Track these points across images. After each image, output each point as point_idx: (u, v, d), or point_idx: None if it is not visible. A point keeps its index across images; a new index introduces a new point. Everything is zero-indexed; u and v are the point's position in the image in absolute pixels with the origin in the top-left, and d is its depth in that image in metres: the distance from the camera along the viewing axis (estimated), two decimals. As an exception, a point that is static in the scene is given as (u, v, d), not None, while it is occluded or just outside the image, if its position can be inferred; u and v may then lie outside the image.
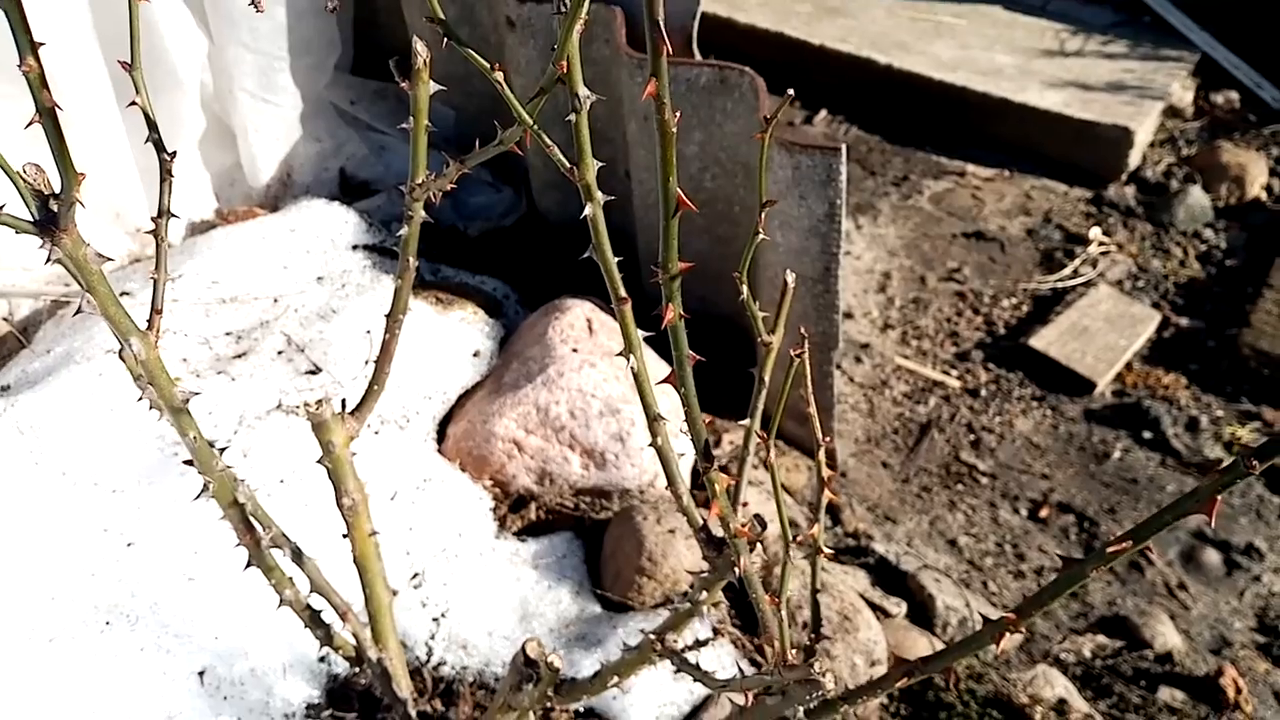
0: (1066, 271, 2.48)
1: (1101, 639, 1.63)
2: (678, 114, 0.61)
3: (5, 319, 1.94)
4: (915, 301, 2.40)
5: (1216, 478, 0.70)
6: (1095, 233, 2.59)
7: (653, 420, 0.88)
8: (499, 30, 2.06)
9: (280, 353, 1.60)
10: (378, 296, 1.76)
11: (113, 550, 1.25)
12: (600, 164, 0.76)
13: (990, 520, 1.88)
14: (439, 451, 1.59)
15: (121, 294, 1.73)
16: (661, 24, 0.56)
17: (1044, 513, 1.89)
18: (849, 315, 2.35)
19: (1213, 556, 1.82)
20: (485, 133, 2.64)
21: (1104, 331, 2.26)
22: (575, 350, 1.62)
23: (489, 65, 0.73)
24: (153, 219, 0.87)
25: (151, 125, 0.84)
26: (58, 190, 0.76)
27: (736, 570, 0.84)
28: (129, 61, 0.82)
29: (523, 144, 0.85)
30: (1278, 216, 2.67)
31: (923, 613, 1.62)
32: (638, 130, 1.86)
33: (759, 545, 0.94)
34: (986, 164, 2.89)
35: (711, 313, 2.04)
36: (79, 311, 0.81)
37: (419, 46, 1.01)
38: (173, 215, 0.89)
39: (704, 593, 0.91)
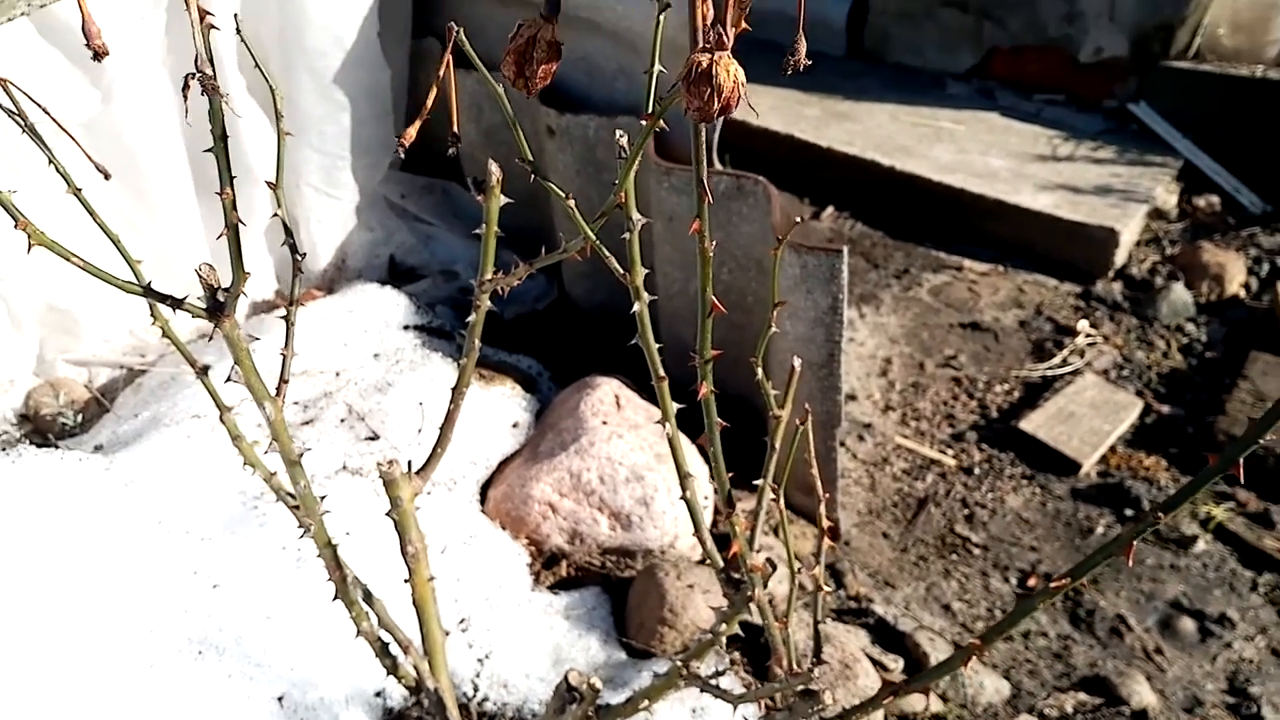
0: (1056, 360, 2.67)
1: (1083, 696, 1.78)
2: (714, 242, 0.81)
3: (87, 385, 2.15)
4: (915, 386, 2.59)
5: (1133, 526, 0.88)
6: (1083, 325, 2.79)
7: (684, 476, 1.07)
8: (539, 136, 2.30)
9: (343, 420, 1.80)
10: (428, 371, 1.96)
11: (202, 590, 1.43)
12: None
13: (982, 588, 2.04)
14: (482, 512, 1.77)
15: (203, 367, 1.93)
16: (706, 181, 0.77)
17: (1032, 582, 2.05)
18: (853, 398, 2.54)
19: (1188, 624, 1.97)
20: (523, 224, 2.89)
21: (1089, 417, 2.44)
22: (605, 423, 1.81)
23: (562, 195, 0.93)
24: (286, 306, 1.07)
25: (288, 232, 1.05)
26: (226, 285, 0.96)
27: (752, 603, 1.01)
28: (274, 181, 1.03)
29: (553, 238, 1.05)
30: (1255, 312, 2.86)
31: (918, 669, 1.77)
32: (663, 229, 2.08)
33: (770, 591, 1.12)
34: (982, 259, 3.11)
35: (728, 392, 2.23)
36: (229, 380, 1.00)
37: (493, 167, 1.22)
38: (296, 303, 1.09)
39: (724, 625, 1.08)
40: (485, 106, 2.41)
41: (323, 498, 1.19)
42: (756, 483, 1.13)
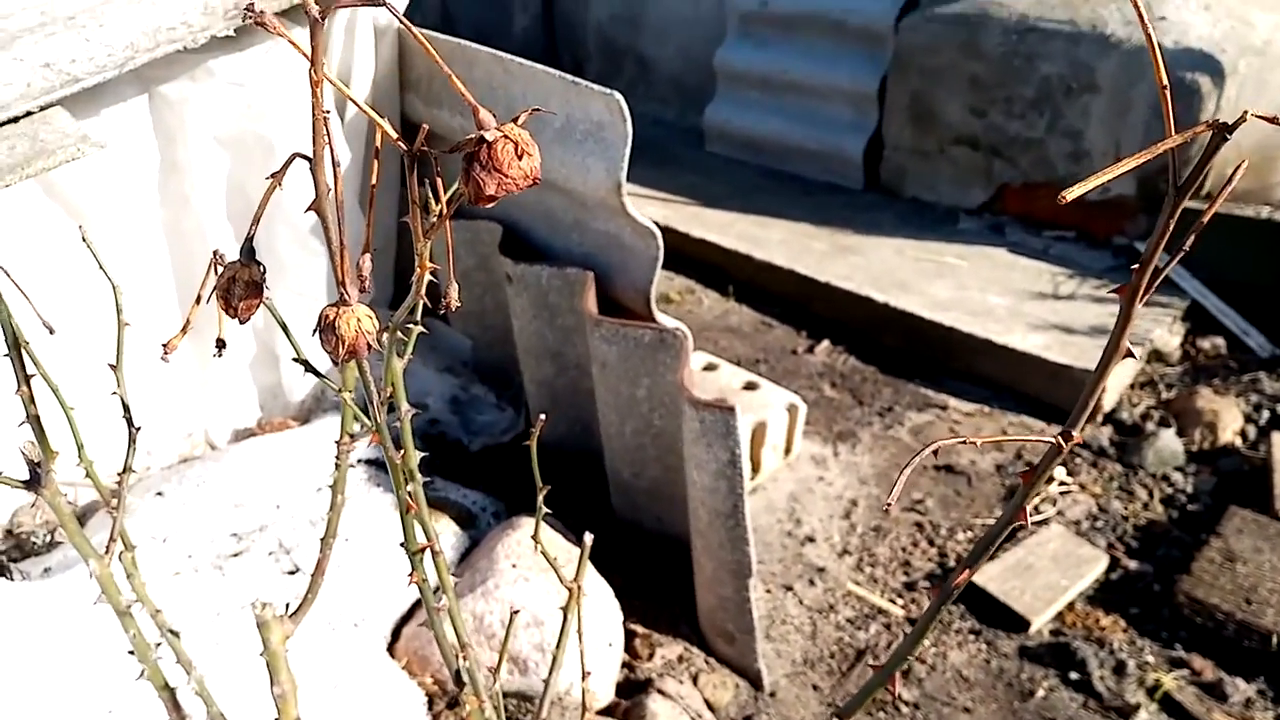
0: (1027, 508, 2.63)
1: None
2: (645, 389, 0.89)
3: (71, 503, 2.32)
4: (876, 530, 2.59)
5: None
6: (1059, 472, 2.75)
7: (463, 646, 1.13)
8: (502, 282, 2.44)
9: (270, 553, 1.91)
10: (365, 506, 2.07)
11: (98, 716, 1.54)
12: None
13: (905, 748, 2.00)
14: (389, 649, 1.85)
15: (156, 493, 2.09)
16: (379, 414, 0.86)
17: (959, 745, 2.01)
18: (811, 540, 2.55)
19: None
20: (496, 358, 3.02)
21: (1048, 570, 2.40)
22: (514, 566, 1.88)
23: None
24: (118, 474, 1.19)
25: (126, 408, 1.18)
26: (39, 461, 1.09)
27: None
28: (115, 364, 1.16)
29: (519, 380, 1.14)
30: (1248, 462, 2.78)
31: (811, 833, 1.75)
32: (598, 374, 2.17)
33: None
34: (969, 399, 3.10)
35: (666, 532, 2.29)
36: (55, 542, 1.12)
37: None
38: (129, 470, 1.20)
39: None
40: (461, 251, 2.57)
41: (175, 632, 1.29)
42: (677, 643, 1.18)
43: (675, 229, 3.90)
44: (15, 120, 1.81)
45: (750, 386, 2.75)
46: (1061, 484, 2.72)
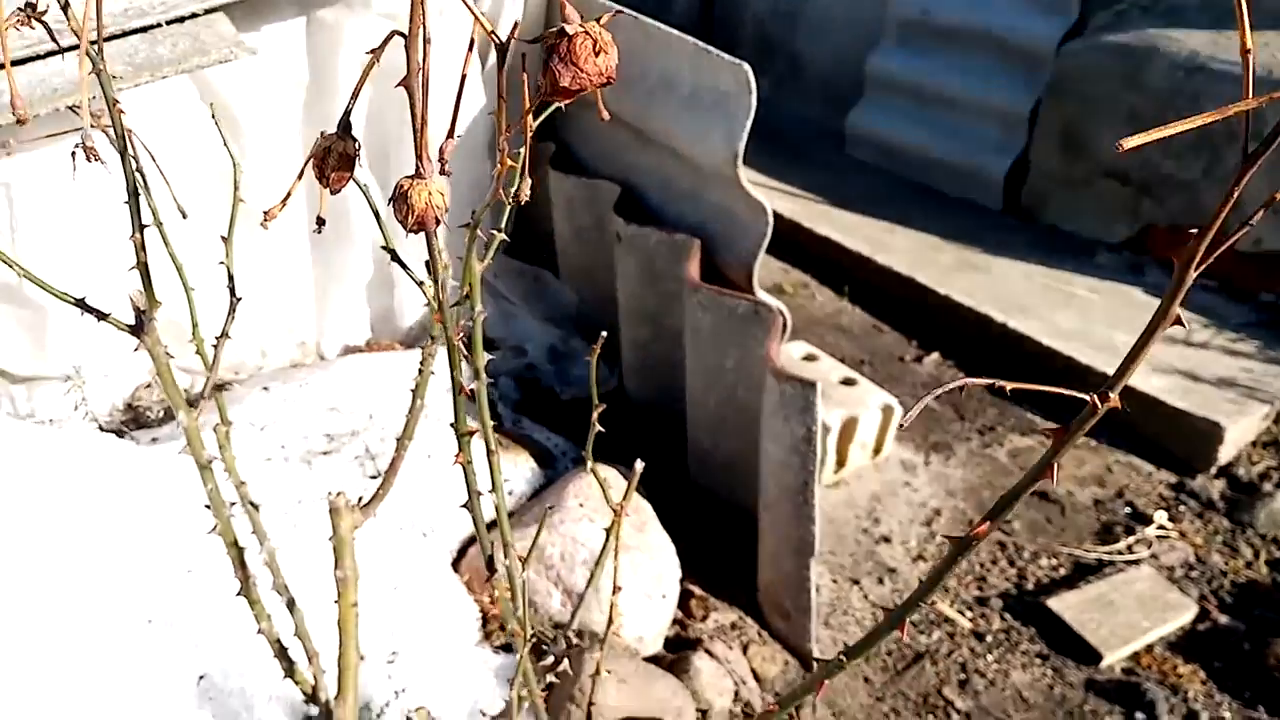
0: (1119, 546, 2.53)
1: None
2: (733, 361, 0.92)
3: (186, 390, 2.47)
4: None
5: None
6: (1160, 516, 2.63)
7: (506, 545, 1.17)
8: (611, 240, 2.49)
9: (357, 458, 2.00)
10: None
11: (175, 574, 1.65)
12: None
13: (947, 756, 1.96)
14: (453, 564, 1.91)
15: (263, 387, 2.21)
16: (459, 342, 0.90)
17: (1004, 763, 1.95)
18: (887, 540, 2.51)
19: None
20: (599, 316, 3.06)
21: (1130, 609, 2.30)
22: (581, 505, 1.92)
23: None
24: (215, 338, 1.28)
25: (230, 277, 1.26)
26: (144, 309, 1.18)
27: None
28: (227, 236, 1.24)
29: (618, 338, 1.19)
30: (1373, 540, 2.60)
31: (835, 816, 1.74)
32: (690, 340, 2.19)
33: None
34: (1076, 431, 2.99)
35: (737, 503, 2.29)
36: (166, 419, 1.21)
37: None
38: (225, 336, 1.29)
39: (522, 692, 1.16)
40: (577, 208, 2.63)
41: (256, 505, 1.38)
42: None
43: (800, 224, 3.89)
44: (181, 20, 1.94)
45: (848, 382, 2.72)
46: (1160, 528, 2.60)
